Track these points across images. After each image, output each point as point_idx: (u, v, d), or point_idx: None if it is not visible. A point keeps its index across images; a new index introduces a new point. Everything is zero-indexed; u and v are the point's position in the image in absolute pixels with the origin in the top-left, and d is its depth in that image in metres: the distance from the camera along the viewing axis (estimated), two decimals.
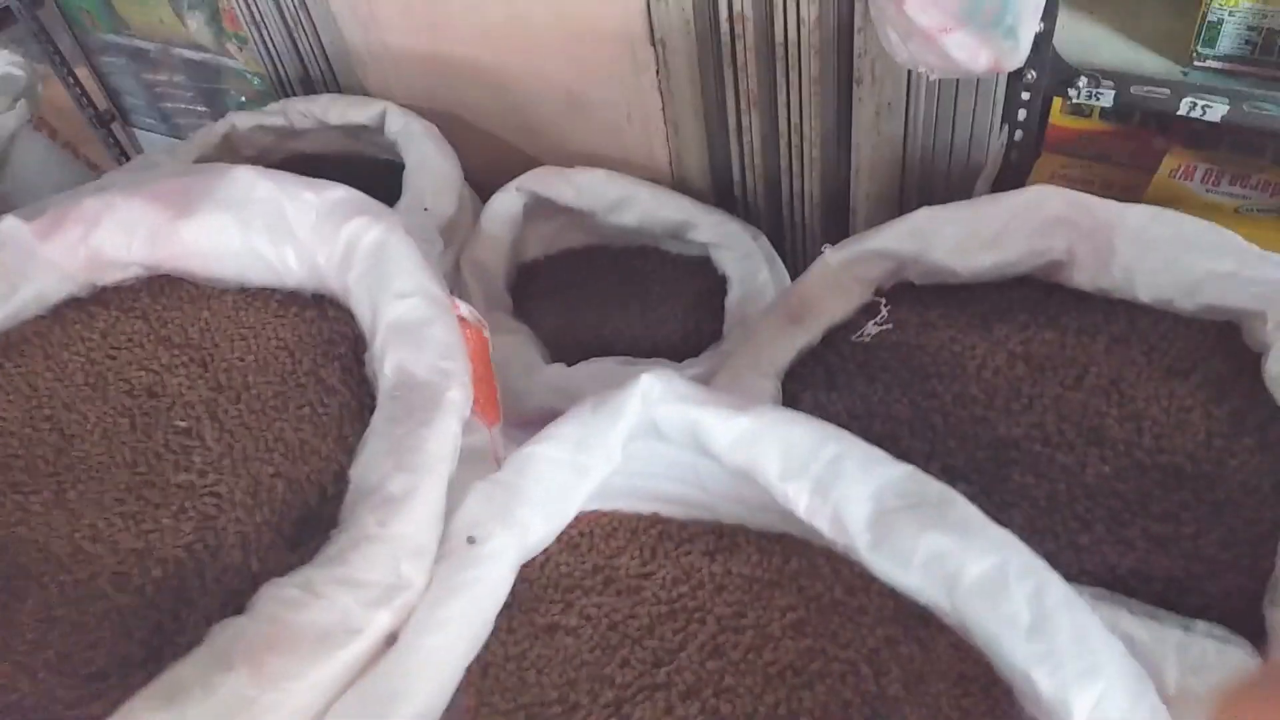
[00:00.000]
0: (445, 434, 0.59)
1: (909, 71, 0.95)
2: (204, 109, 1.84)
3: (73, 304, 0.76)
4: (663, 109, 1.09)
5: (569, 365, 1.01)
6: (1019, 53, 0.79)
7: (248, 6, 1.33)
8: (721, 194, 1.14)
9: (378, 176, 1.29)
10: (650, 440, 0.65)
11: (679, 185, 1.15)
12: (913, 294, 0.87)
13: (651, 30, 1.02)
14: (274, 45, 1.36)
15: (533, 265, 1.21)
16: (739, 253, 1.04)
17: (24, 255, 0.73)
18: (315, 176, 1.31)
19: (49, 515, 0.64)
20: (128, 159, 2.02)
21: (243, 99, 1.71)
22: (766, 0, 0.94)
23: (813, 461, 0.57)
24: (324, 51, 1.32)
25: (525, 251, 1.20)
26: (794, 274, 1.07)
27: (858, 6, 0.90)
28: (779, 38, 0.95)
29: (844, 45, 0.94)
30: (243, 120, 1.27)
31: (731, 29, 0.97)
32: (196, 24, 1.67)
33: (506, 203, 1.13)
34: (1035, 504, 0.65)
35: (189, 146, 1.25)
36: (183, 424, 0.68)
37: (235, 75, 1.67)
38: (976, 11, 0.77)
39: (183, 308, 0.75)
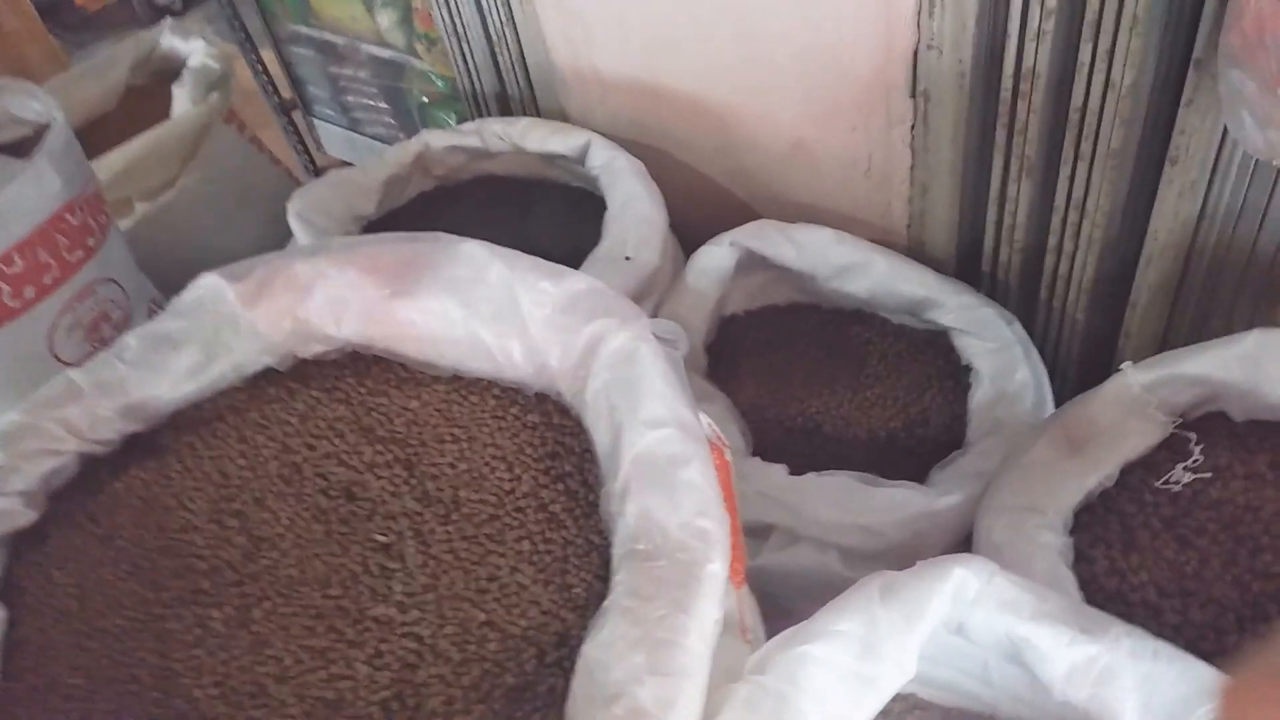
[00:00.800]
0: (707, 624, 0.48)
1: (1217, 151, 0.79)
2: (385, 106, 1.80)
3: (270, 377, 0.68)
4: (911, 167, 0.95)
5: (772, 448, 0.89)
6: None
7: (450, 19, 1.25)
8: (966, 265, 0.99)
9: (571, 206, 1.19)
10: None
11: (914, 250, 1.01)
12: (1231, 432, 0.71)
13: (914, 80, 0.88)
14: (473, 60, 1.28)
15: (731, 321, 1.09)
16: (993, 344, 0.88)
17: (226, 321, 0.66)
18: (506, 200, 1.24)
19: (230, 638, 0.56)
20: (305, 147, 2.01)
21: (424, 99, 1.66)
22: (1068, 58, 0.79)
23: (1191, 718, 0.43)
24: (526, 70, 1.23)
25: (724, 305, 1.09)
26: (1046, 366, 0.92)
27: (1191, 77, 0.74)
28: (1076, 101, 0.80)
29: (1159, 118, 0.79)
30: (436, 139, 1.20)
31: (1015, 86, 0.83)
32: (387, 22, 1.62)
33: (717, 258, 1.01)
34: None
35: (381, 164, 1.18)
36: (383, 539, 0.59)
37: (420, 75, 1.62)
38: None
39: (389, 393, 0.66)
